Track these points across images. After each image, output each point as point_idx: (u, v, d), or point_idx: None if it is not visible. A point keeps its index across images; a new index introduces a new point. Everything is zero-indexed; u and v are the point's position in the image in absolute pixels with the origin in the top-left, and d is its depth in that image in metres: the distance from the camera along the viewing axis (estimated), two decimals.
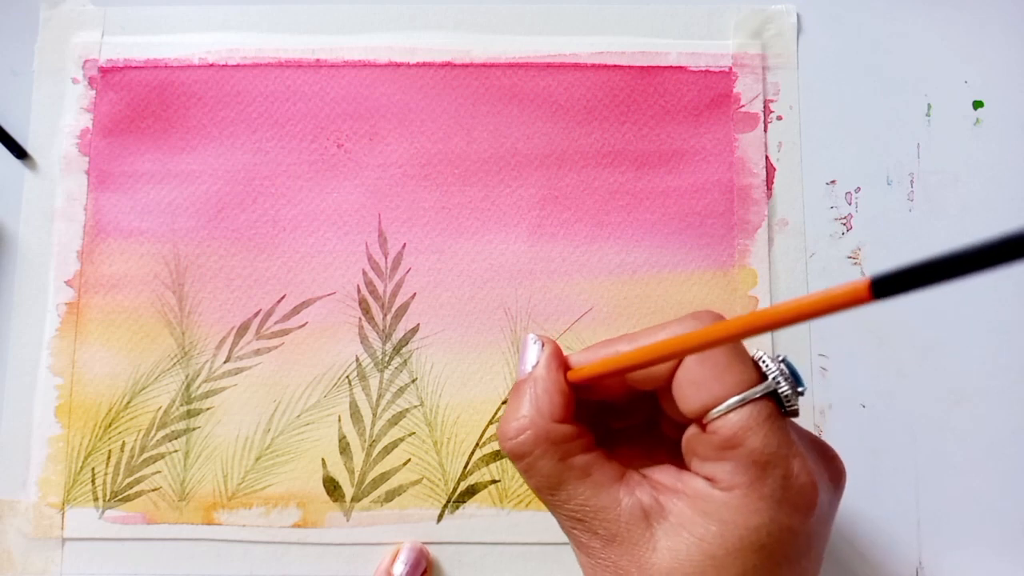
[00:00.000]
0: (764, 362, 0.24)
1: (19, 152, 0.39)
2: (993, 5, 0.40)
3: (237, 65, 0.40)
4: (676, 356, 0.23)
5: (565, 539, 0.36)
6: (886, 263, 0.38)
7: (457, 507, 0.36)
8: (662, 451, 0.27)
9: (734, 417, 0.22)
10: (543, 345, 0.26)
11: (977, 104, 0.40)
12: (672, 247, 0.38)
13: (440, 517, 0.36)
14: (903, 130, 0.40)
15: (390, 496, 0.37)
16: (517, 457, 0.25)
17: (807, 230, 0.39)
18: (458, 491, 0.37)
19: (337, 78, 0.40)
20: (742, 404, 0.22)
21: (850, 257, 0.39)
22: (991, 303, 0.38)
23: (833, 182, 0.39)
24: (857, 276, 0.38)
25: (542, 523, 0.36)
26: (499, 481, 0.37)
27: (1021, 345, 0.38)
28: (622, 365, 0.24)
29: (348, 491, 0.37)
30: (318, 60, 0.40)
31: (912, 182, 0.39)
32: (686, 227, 0.39)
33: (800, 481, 0.23)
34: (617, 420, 0.29)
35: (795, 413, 0.23)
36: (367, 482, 0.37)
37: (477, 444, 0.37)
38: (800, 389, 0.23)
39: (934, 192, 0.39)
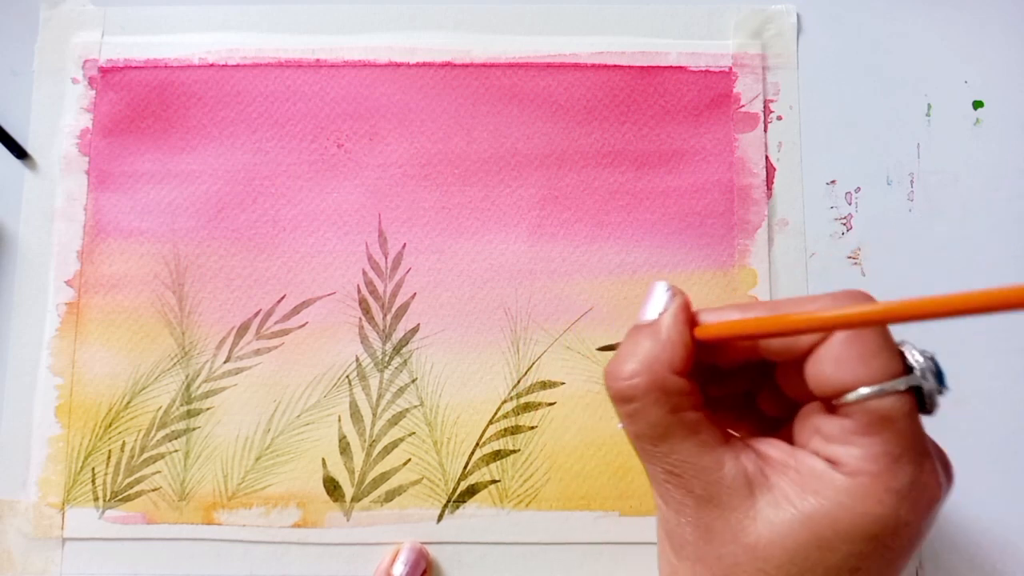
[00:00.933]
0: (912, 354, 0.23)
1: (19, 152, 0.39)
2: (993, 5, 0.40)
3: (237, 65, 0.40)
4: (824, 330, 0.22)
5: (565, 539, 0.36)
6: (886, 263, 0.38)
7: (457, 507, 0.36)
8: (752, 423, 0.27)
9: (875, 404, 0.22)
10: (674, 295, 0.25)
11: (977, 104, 0.40)
12: (672, 247, 0.38)
13: (440, 517, 0.36)
14: (903, 130, 0.40)
15: (390, 496, 0.37)
16: (624, 400, 0.24)
17: (807, 230, 0.39)
18: (458, 491, 0.37)
19: (337, 78, 0.40)
20: (884, 393, 0.22)
21: (850, 257, 0.39)
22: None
23: (833, 182, 0.39)
24: (857, 276, 0.39)
25: (542, 523, 0.36)
26: (499, 481, 0.37)
27: (1021, 345, 0.38)
28: (762, 329, 0.23)
29: (348, 491, 0.37)
30: (318, 60, 0.40)
31: (912, 182, 0.39)
32: (686, 227, 0.39)
33: (929, 481, 0.22)
34: (716, 387, 0.28)
35: (933, 412, 0.23)
36: (367, 482, 0.37)
37: (477, 444, 0.37)
38: (943, 388, 0.23)
39: (934, 192, 0.39)
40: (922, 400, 0.23)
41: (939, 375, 0.23)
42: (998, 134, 0.39)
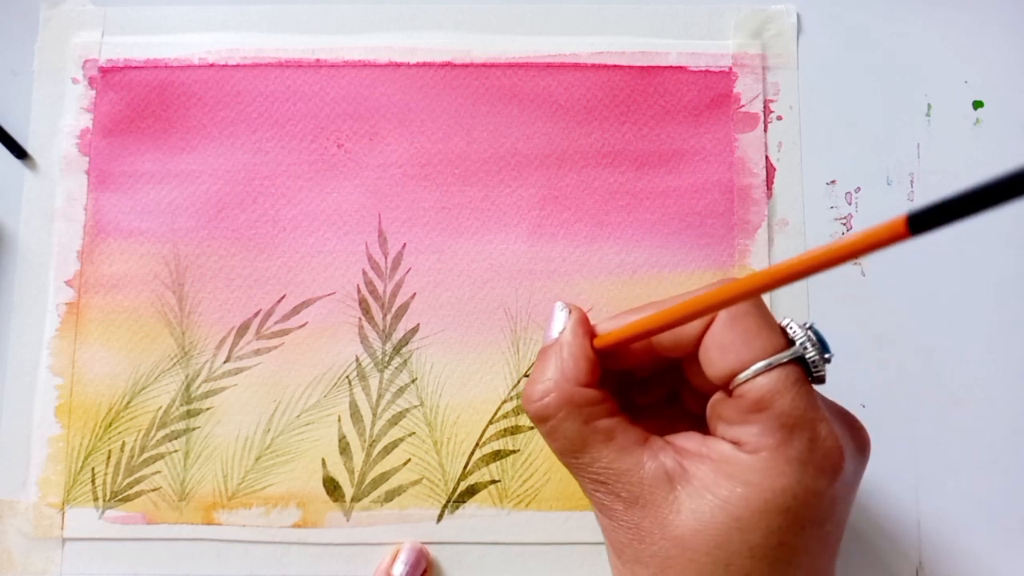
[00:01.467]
0: (792, 328, 0.24)
1: (19, 152, 0.39)
2: (993, 5, 0.40)
3: (237, 65, 0.40)
4: (699, 315, 0.23)
5: (565, 539, 0.36)
6: (886, 263, 0.38)
7: (457, 507, 0.36)
8: (684, 425, 0.28)
9: (762, 381, 0.23)
10: (570, 312, 0.26)
11: (977, 104, 0.40)
12: (672, 247, 0.38)
13: (440, 517, 0.36)
14: (903, 130, 0.40)
15: (390, 496, 0.37)
16: (541, 420, 0.25)
17: (807, 230, 0.39)
18: (458, 491, 0.37)
19: (337, 78, 0.40)
20: (770, 368, 0.23)
21: None
22: (991, 303, 0.38)
23: (833, 182, 0.39)
24: (857, 276, 0.39)
25: (542, 523, 0.36)
26: (499, 481, 0.37)
27: (1021, 345, 0.38)
28: (648, 327, 0.24)
29: (348, 491, 0.37)
30: (318, 60, 0.40)
31: (912, 182, 0.39)
32: (686, 227, 0.39)
33: (826, 445, 0.23)
34: (640, 394, 0.29)
35: (821, 380, 0.24)
36: (367, 482, 0.37)
37: (477, 444, 0.37)
38: (827, 356, 0.24)
39: (934, 192, 0.39)
40: (808, 369, 0.23)
41: (822, 343, 0.24)
42: (998, 134, 0.39)
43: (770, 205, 0.39)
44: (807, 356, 0.23)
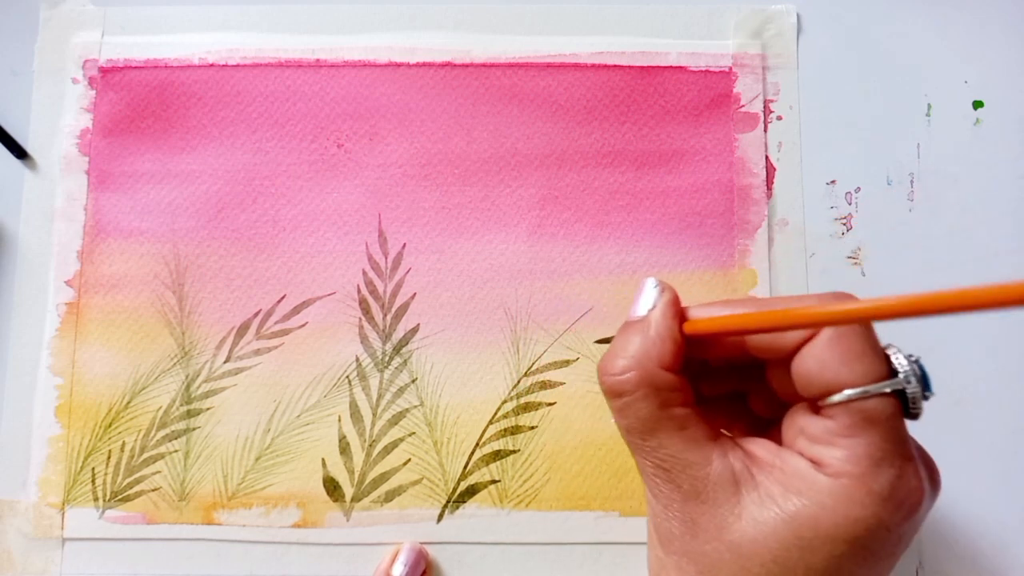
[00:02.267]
0: (897, 357, 0.23)
1: (19, 152, 0.39)
2: (993, 5, 0.40)
3: (237, 65, 0.40)
4: (809, 327, 0.22)
5: (565, 539, 0.36)
6: (886, 263, 0.38)
7: (457, 507, 0.36)
8: (743, 425, 0.27)
9: (858, 406, 0.22)
10: (663, 290, 0.26)
11: (977, 104, 0.40)
12: (672, 247, 0.38)
13: (440, 517, 0.36)
14: (903, 130, 0.40)
15: (390, 496, 0.37)
16: (615, 395, 0.24)
17: (807, 230, 0.39)
18: (458, 491, 0.37)
19: (337, 78, 0.40)
20: (868, 396, 0.22)
21: (850, 257, 0.39)
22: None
23: (833, 182, 0.39)
24: (857, 276, 0.39)
25: (542, 523, 0.36)
26: (499, 481, 0.37)
27: (1021, 345, 0.38)
28: (748, 325, 0.23)
29: (348, 491, 0.37)
30: (318, 60, 0.40)
31: (912, 182, 0.39)
32: (686, 227, 0.39)
33: (911, 485, 0.22)
34: (708, 385, 0.28)
35: (917, 416, 0.23)
36: (367, 482, 0.37)
37: (477, 444, 0.37)
38: (927, 393, 0.23)
39: (934, 192, 0.39)
40: (906, 404, 0.23)
41: (924, 379, 0.23)
42: (998, 134, 0.39)
43: (770, 205, 0.39)
44: (908, 390, 0.22)
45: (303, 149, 0.39)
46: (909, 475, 0.22)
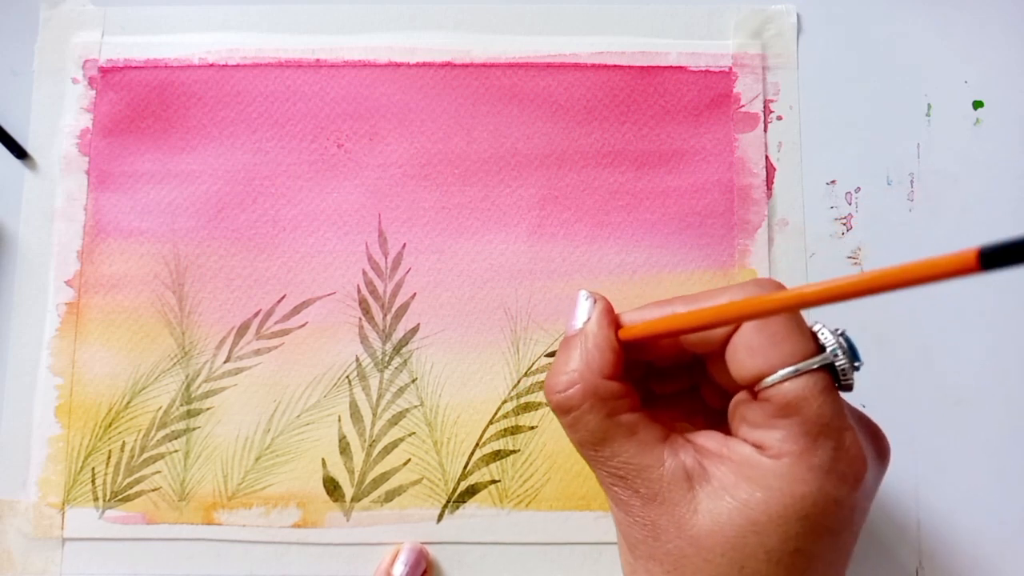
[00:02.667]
0: (823, 333, 0.23)
1: (19, 152, 0.39)
2: (993, 5, 0.40)
3: (237, 65, 0.40)
4: (736, 321, 0.23)
5: (565, 539, 0.36)
6: (886, 263, 0.38)
7: (457, 507, 0.36)
8: (701, 418, 0.27)
9: (789, 386, 0.22)
10: (595, 301, 0.26)
11: (977, 104, 0.40)
12: (672, 247, 0.38)
13: (440, 517, 0.36)
14: (903, 130, 0.40)
15: (390, 496, 0.37)
16: (563, 411, 0.25)
17: (807, 230, 0.39)
18: (458, 491, 0.37)
19: (337, 78, 0.40)
20: (798, 374, 0.22)
21: (850, 257, 0.39)
22: (991, 303, 0.38)
23: (833, 182, 0.39)
24: None
25: (542, 523, 0.36)
26: (499, 481, 0.37)
27: (1021, 345, 0.38)
28: (678, 326, 0.24)
29: (348, 491, 0.37)
30: (318, 60, 0.40)
31: (912, 182, 0.39)
32: (686, 227, 0.39)
33: (851, 454, 0.23)
34: (659, 385, 0.29)
35: (849, 387, 0.23)
36: (367, 482, 0.37)
37: (477, 444, 0.37)
38: (857, 364, 0.23)
39: (934, 192, 0.39)
40: (837, 376, 0.23)
41: (852, 351, 0.23)
42: (998, 134, 0.39)
43: (770, 205, 0.39)
44: (836, 363, 0.23)
45: (303, 149, 0.39)
46: (847, 445, 0.23)
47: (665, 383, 0.29)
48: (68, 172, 0.39)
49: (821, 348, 0.23)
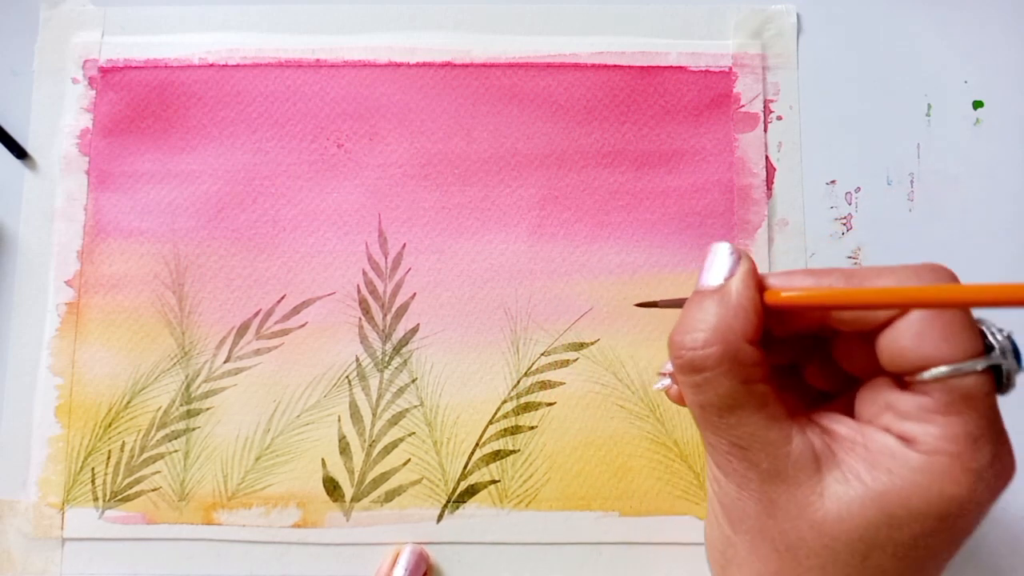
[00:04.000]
0: (992, 333, 0.22)
1: (19, 152, 0.39)
2: (993, 5, 0.40)
3: (237, 65, 0.40)
4: (912, 306, 0.22)
5: (565, 539, 0.36)
6: (886, 263, 0.38)
7: (457, 507, 0.36)
8: (795, 397, 0.26)
9: (956, 383, 0.21)
10: (739, 258, 0.24)
11: (977, 104, 0.40)
12: (672, 247, 0.38)
13: (440, 517, 0.36)
14: (903, 130, 0.40)
15: (390, 496, 0.37)
16: (695, 370, 0.23)
17: (807, 230, 0.39)
18: (458, 491, 0.37)
19: (337, 78, 0.40)
20: (967, 373, 0.21)
21: (850, 257, 0.39)
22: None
23: (833, 182, 0.39)
24: None
25: (542, 523, 0.36)
26: (499, 481, 0.37)
27: (1021, 345, 0.38)
28: (841, 301, 0.22)
29: (348, 491, 0.37)
30: (318, 60, 0.40)
31: (912, 182, 0.39)
32: (686, 227, 0.39)
33: (1005, 462, 0.22)
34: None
35: (1008, 391, 0.22)
36: (367, 482, 0.37)
37: (477, 444, 0.37)
38: (1021, 367, 0.22)
39: (934, 192, 0.39)
40: (1000, 379, 0.22)
41: (1016, 354, 0.22)
42: (998, 134, 0.39)
43: (770, 205, 0.39)
44: (1004, 366, 0.22)
45: (303, 149, 0.39)
46: (1004, 453, 0.22)
47: (770, 356, 0.27)
48: (68, 172, 0.39)
49: (988, 348, 0.22)
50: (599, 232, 0.38)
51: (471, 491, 0.37)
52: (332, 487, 0.37)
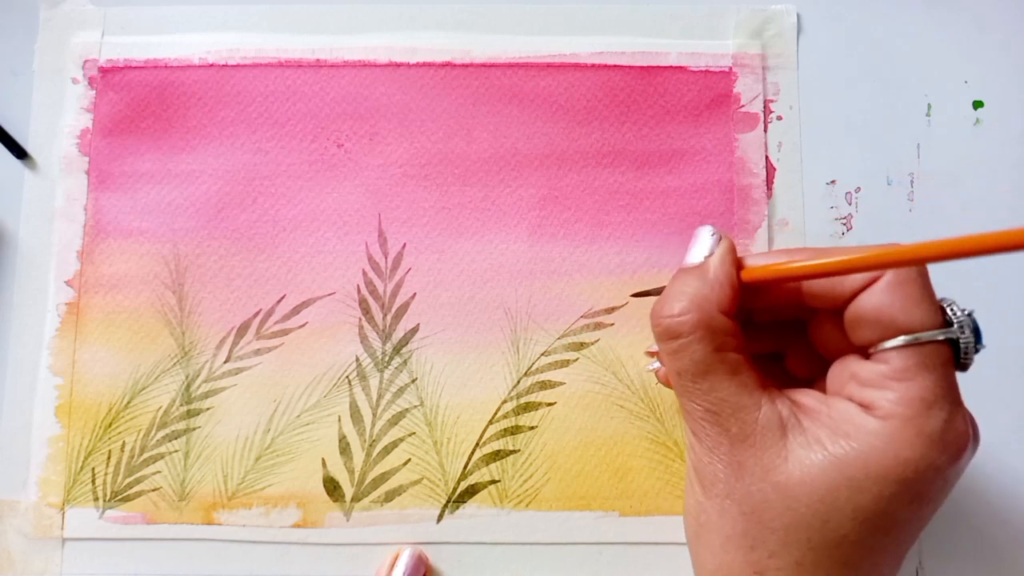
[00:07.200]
0: (952, 309, 0.24)
1: (19, 152, 0.39)
2: (993, 5, 0.40)
3: (237, 65, 0.40)
4: (872, 268, 0.23)
5: (565, 539, 0.36)
6: None
7: (457, 507, 0.36)
8: (779, 386, 0.27)
9: (913, 351, 0.23)
10: (720, 238, 0.26)
11: (977, 104, 0.40)
12: (672, 247, 0.38)
13: (440, 517, 0.36)
14: (903, 130, 0.40)
15: (390, 496, 0.37)
16: (671, 336, 0.25)
17: (807, 230, 0.39)
18: (458, 491, 0.37)
19: (337, 78, 0.40)
20: (924, 342, 0.23)
21: None
22: (991, 302, 0.38)
23: (833, 182, 0.39)
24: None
25: (542, 523, 0.36)
26: (499, 481, 0.37)
27: (1021, 345, 0.38)
28: (809, 271, 0.24)
29: (348, 491, 0.37)
30: (318, 60, 0.40)
31: (912, 182, 0.39)
32: (686, 227, 0.39)
33: (959, 428, 0.23)
34: (748, 344, 0.29)
35: (967, 367, 0.24)
36: (367, 482, 0.37)
37: (477, 444, 0.37)
38: (979, 345, 0.23)
39: (934, 192, 0.39)
40: (958, 354, 0.23)
41: (977, 331, 0.23)
42: (998, 134, 0.39)
43: (770, 205, 0.39)
44: (961, 340, 0.23)
45: (303, 149, 0.39)
46: (958, 419, 0.23)
47: (751, 344, 0.28)
48: (68, 172, 0.39)
49: (948, 323, 0.23)
50: (599, 232, 0.38)
51: (471, 491, 0.37)
52: (332, 487, 0.37)
